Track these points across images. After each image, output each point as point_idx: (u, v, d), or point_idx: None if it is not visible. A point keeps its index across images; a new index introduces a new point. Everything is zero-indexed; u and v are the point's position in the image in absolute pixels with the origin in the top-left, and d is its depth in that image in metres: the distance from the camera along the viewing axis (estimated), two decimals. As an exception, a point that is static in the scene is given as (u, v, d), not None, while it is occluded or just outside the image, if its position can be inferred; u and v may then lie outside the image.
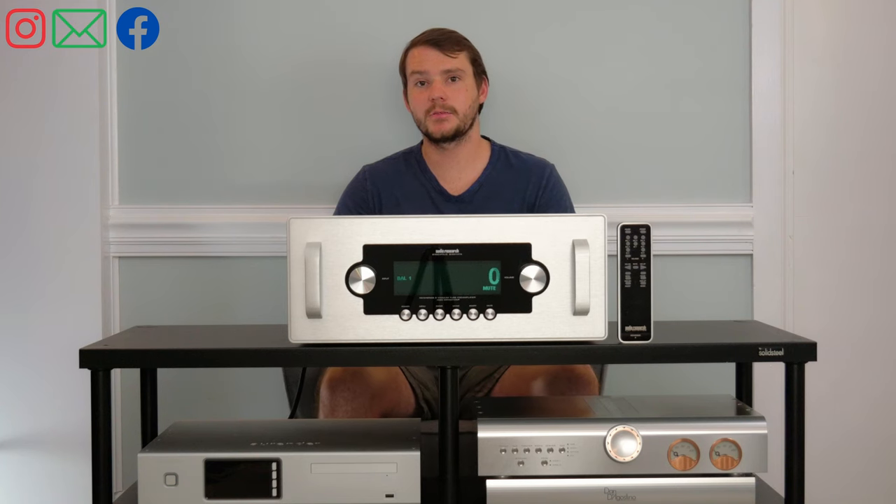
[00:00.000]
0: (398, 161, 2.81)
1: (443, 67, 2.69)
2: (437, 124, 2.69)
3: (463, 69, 2.72)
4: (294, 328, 1.87)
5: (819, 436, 2.94)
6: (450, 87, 2.70)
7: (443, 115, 2.68)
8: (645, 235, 1.89)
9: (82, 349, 1.89)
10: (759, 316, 3.00)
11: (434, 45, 2.71)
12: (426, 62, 2.70)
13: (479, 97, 2.77)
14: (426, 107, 2.70)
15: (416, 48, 2.73)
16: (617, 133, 3.07)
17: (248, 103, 3.07)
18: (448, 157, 2.75)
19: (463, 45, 2.74)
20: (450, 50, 2.70)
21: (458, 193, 2.75)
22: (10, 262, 2.98)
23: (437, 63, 2.70)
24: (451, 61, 2.70)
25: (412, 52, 2.74)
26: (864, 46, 3.10)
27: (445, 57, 2.70)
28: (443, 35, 2.73)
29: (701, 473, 1.89)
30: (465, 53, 2.73)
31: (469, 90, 2.72)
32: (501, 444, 1.88)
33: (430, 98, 2.69)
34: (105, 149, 3.02)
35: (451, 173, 2.76)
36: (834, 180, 3.11)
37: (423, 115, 2.71)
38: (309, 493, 1.88)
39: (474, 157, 2.77)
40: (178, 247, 3.05)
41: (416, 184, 2.76)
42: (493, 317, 1.88)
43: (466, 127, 2.72)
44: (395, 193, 2.75)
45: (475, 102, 2.75)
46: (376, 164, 2.82)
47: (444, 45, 2.71)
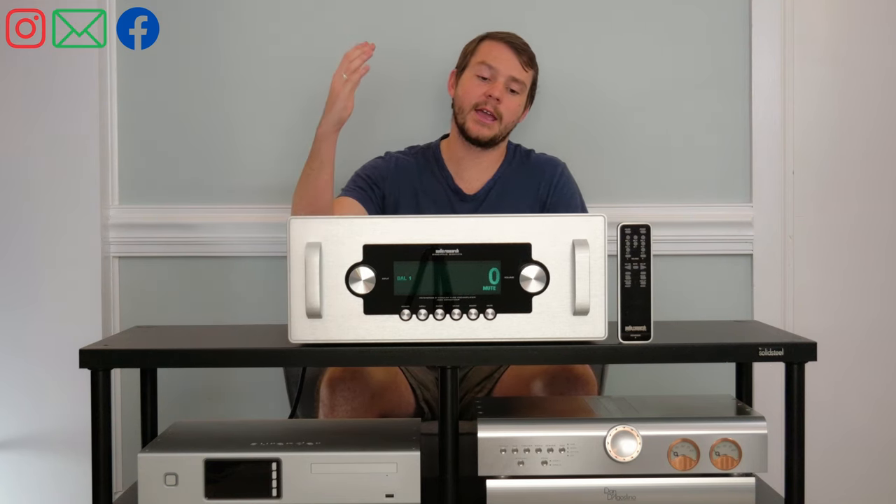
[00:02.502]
0: (418, 155, 2.81)
1: (513, 73, 2.69)
2: (478, 126, 2.68)
3: (526, 85, 2.73)
4: (294, 328, 1.87)
5: (819, 436, 2.95)
6: (508, 96, 2.69)
7: (487, 120, 2.67)
8: (645, 235, 1.89)
9: (82, 349, 1.89)
10: (759, 316, 3.00)
11: (513, 49, 2.71)
12: (500, 60, 2.69)
13: (522, 117, 2.78)
14: (477, 100, 2.68)
15: (495, 42, 2.72)
16: (617, 133, 3.07)
17: (248, 103, 3.07)
18: (471, 157, 2.75)
19: (533, 64, 2.75)
20: (525, 62, 2.71)
21: (472, 192, 2.75)
22: (10, 261, 2.98)
23: (510, 66, 2.69)
24: (522, 72, 2.71)
25: (488, 43, 2.73)
26: (864, 46, 3.10)
27: (519, 65, 2.70)
28: (523, 44, 2.74)
29: (701, 473, 1.89)
30: (533, 72, 2.75)
31: (520, 107, 2.74)
32: (501, 444, 1.88)
33: (487, 94, 2.67)
34: (105, 149, 3.02)
35: (469, 172, 2.76)
36: (834, 180, 3.11)
37: (469, 107, 2.69)
38: (309, 493, 1.88)
39: (493, 161, 2.78)
40: (178, 247, 3.05)
41: (433, 180, 2.76)
42: (493, 317, 1.88)
43: (501, 138, 2.73)
44: (415, 186, 2.74)
45: (518, 120, 2.76)
46: (399, 154, 2.81)
47: (522, 55, 2.71)
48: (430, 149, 2.82)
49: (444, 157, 2.78)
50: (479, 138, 2.69)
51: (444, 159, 2.78)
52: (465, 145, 2.73)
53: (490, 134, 2.69)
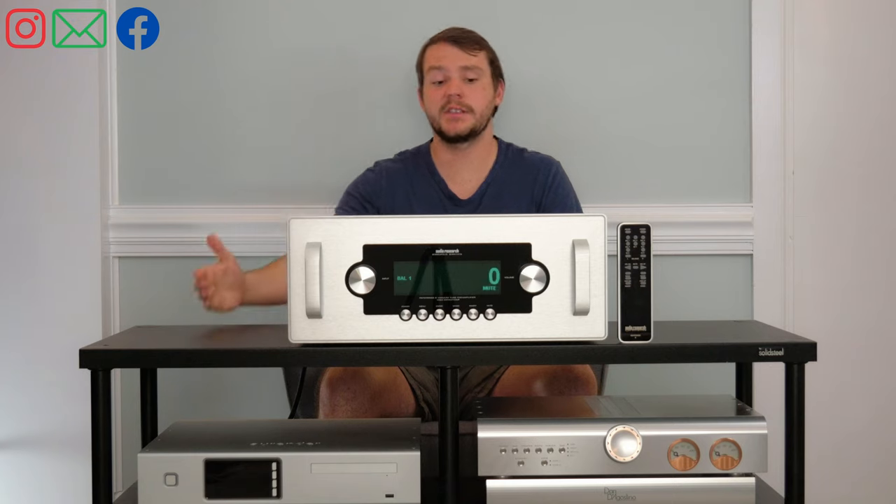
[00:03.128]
0: (408, 161, 2.79)
1: (461, 64, 2.68)
2: (452, 123, 2.67)
3: (481, 68, 2.70)
4: (294, 328, 1.87)
5: (819, 436, 2.95)
6: (467, 86, 2.68)
7: (458, 115, 2.67)
8: (645, 235, 1.89)
9: (82, 349, 1.89)
10: (759, 316, 3.00)
11: (453, 43, 2.69)
12: (445, 58, 2.69)
13: (495, 99, 2.76)
14: (441, 104, 2.68)
15: (436, 45, 2.72)
16: (617, 133, 3.07)
17: (248, 103, 3.07)
18: (459, 157, 2.74)
19: (482, 44, 2.73)
20: (469, 48, 2.69)
21: (466, 196, 2.73)
22: (11, 262, 2.98)
23: (455, 60, 2.68)
24: (470, 59, 2.69)
25: (431, 49, 2.73)
26: (864, 46, 3.10)
27: (465, 55, 2.68)
28: (463, 33, 2.72)
29: (701, 473, 1.89)
30: (484, 53, 2.72)
31: (486, 90, 2.71)
32: (501, 444, 1.88)
33: (447, 94, 2.67)
34: (105, 149, 3.02)
35: (462, 174, 2.75)
36: (834, 180, 3.11)
37: (438, 113, 2.69)
38: (309, 493, 1.88)
39: (484, 157, 2.77)
40: (178, 247, 3.05)
41: (426, 187, 2.74)
42: (493, 317, 1.88)
43: (481, 127, 2.71)
44: (408, 195, 2.73)
45: (491, 103, 2.73)
46: (388, 163, 2.79)
47: (464, 43, 2.69)
48: (421, 153, 2.80)
49: (434, 161, 2.77)
50: (458, 134, 2.68)
51: (435, 164, 2.77)
52: (449, 146, 2.72)
53: (467, 126, 2.68)
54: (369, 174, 2.77)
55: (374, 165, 2.80)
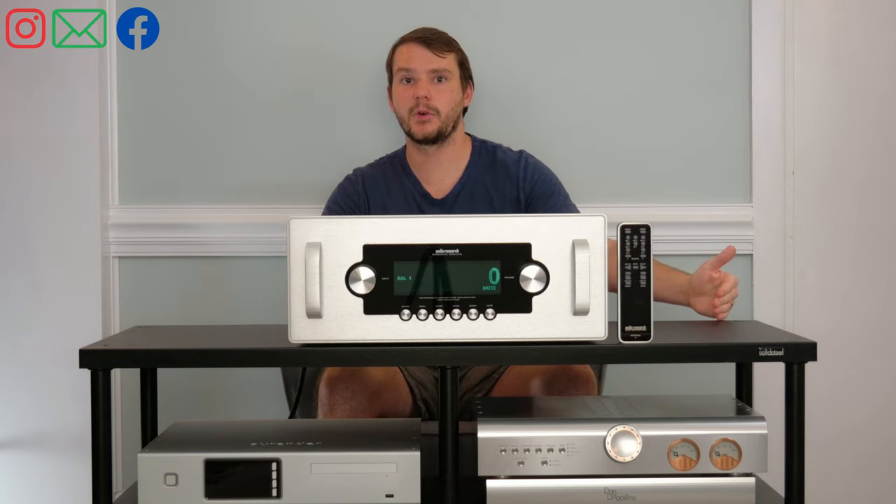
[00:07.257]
0: (385, 165, 2.79)
1: (430, 66, 2.68)
2: (420, 125, 2.67)
3: (450, 70, 2.70)
4: (294, 328, 1.87)
5: (819, 436, 2.95)
6: (435, 87, 2.68)
7: (425, 117, 2.66)
8: (645, 235, 1.89)
9: (82, 349, 1.89)
10: (759, 316, 3.00)
11: (423, 44, 2.69)
12: (414, 59, 2.69)
13: (464, 101, 2.76)
14: (410, 105, 2.67)
15: (405, 45, 2.72)
16: (617, 133, 3.07)
17: (248, 103, 3.07)
18: (431, 158, 2.73)
19: (452, 46, 2.73)
20: (439, 49, 2.69)
21: (440, 196, 2.73)
22: (10, 262, 2.98)
23: (424, 61, 2.68)
24: (439, 61, 2.69)
25: (400, 49, 2.73)
26: (864, 46, 3.10)
27: (434, 56, 2.68)
28: (433, 34, 2.72)
29: (701, 473, 1.89)
30: (453, 55, 2.72)
31: (454, 92, 2.70)
32: (501, 444, 1.88)
33: (415, 96, 2.66)
34: (105, 149, 3.02)
35: (435, 175, 2.74)
36: (834, 180, 3.11)
37: (407, 114, 2.69)
38: (309, 493, 1.88)
39: (457, 158, 2.76)
40: (178, 247, 3.05)
41: (400, 188, 2.74)
42: (493, 317, 1.88)
43: (448, 130, 2.69)
44: (382, 199, 2.73)
45: (459, 105, 2.73)
46: (366, 169, 2.80)
47: (434, 45, 2.69)
48: (397, 157, 2.80)
49: (409, 163, 2.77)
50: (426, 137, 2.68)
51: (409, 165, 2.77)
52: (420, 148, 2.72)
53: (434, 128, 2.67)
54: (347, 185, 2.77)
55: (353, 172, 2.80)
